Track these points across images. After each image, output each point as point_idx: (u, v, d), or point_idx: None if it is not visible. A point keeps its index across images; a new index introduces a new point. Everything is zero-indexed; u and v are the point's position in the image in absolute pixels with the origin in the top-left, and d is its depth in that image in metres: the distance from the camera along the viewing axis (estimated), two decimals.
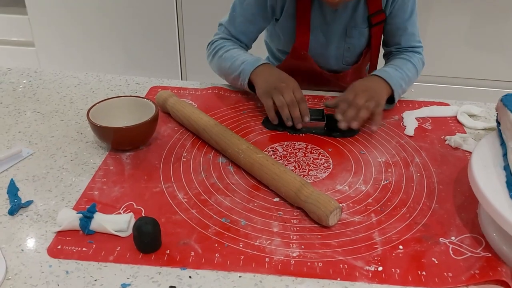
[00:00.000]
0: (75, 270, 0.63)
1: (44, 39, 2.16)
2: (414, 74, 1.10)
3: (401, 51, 1.14)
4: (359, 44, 1.13)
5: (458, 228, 0.73)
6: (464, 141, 0.93)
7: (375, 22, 1.09)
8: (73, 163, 0.84)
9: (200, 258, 0.66)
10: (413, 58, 1.11)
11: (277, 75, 1.01)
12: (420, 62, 1.12)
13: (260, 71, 1.02)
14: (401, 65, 1.08)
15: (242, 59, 1.05)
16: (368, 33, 1.11)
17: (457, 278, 0.64)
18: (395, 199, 0.79)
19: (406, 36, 1.12)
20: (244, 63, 1.04)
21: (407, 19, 1.10)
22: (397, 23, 1.10)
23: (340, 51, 1.14)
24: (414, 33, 1.13)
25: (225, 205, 0.76)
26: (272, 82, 0.98)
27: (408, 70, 1.08)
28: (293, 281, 0.63)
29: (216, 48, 1.11)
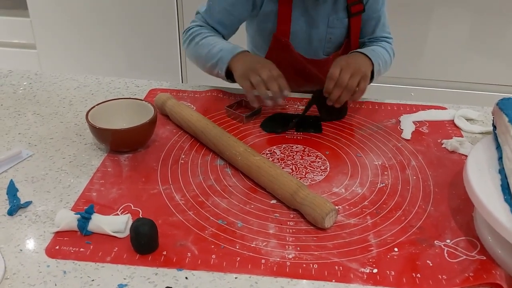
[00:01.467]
0: (72, 270, 0.64)
1: (46, 42, 2.17)
2: (388, 59, 1.14)
3: (373, 41, 1.17)
4: (340, 34, 1.14)
5: (453, 231, 0.74)
6: (460, 144, 0.94)
7: (354, 12, 1.10)
8: (71, 164, 0.85)
9: (197, 259, 0.67)
10: (386, 46, 1.15)
11: (254, 58, 1.00)
12: (392, 51, 1.17)
13: (237, 59, 1.00)
14: (376, 49, 1.11)
15: (220, 46, 1.03)
16: (347, 23, 1.13)
17: (451, 281, 0.65)
18: (391, 202, 0.79)
19: (379, 26, 1.16)
20: (222, 50, 1.02)
21: (380, 9, 1.14)
22: (372, 12, 1.13)
23: (322, 42, 1.15)
24: (385, 24, 1.17)
25: (222, 207, 0.77)
26: (248, 64, 0.97)
27: (383, 54, 1.11)
28: (288, 282, 0.64)
29: (193, 35, 1.09)
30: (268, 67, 0.96)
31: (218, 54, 1.02)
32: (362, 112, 1.07)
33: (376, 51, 1.10)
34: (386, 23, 1.17)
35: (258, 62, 0.97)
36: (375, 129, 1.00)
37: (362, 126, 1.01)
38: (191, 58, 1.12)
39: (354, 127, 1.01)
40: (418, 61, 2.04)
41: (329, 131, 0.99)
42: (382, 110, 1.08)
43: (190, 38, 1.09)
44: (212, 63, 1.03)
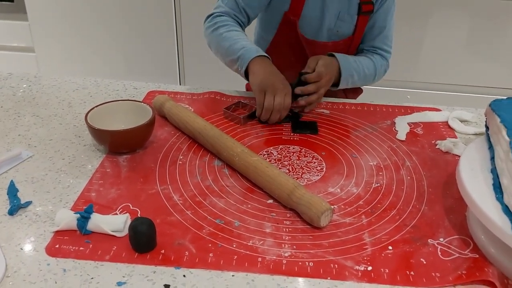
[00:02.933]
0: (72, 269, 0.65)
1: (44, 45, 2.18)
2: (372, 73, 1.17)
3: (371, 51, 1.20)
4: (348, 29, 1.16)
5: (447, 230, 0.75)
6: (454, 145, 0.95)
7: (364, 10, 1.13)
8: (71, 165, 0.86)
9: (194, 257, 0.68)
10: (378, 62, 1.18)
11: (277, 74, 1.03)
12: (382, 68, 1.20)
13: (259, 62, 1.03)
14: (362, 60, 1.15)
15: (243, 44, 1.06)
16: (356, 20, 1.15)
17: (444, 278, 0.66)
18: (386, 202, 0.81)
19: (381, 37, 1.18)
20: (244, 48, 1.05)
21: (387, 20, 1.16)
22: (378, 21, 1.16)
23: (329, 32, 1.17)
24: (388, 37, 1.19)
25: (220, 206, 0.78)
26: (270, 79, 1.01)
27: (367, 68, 1.15)
28: (284, 280, 0.65)
29: (218, 24, 1.10)
30: (285, 92, 1.00)
31: (239, 51, 1.04)
32: (357, 114, 1.09)
33: (360, 63, 1.14)
34: (389, 37, 1.20)
35: (280, 82, 1.01)
36: (370, 130, 1.02)
37: (357, 128, 1.03)
38: (211, 46, 1.14)
39: (349, 128, 1.03)
40: (415, 64, 2.06)
41: (325, 133, 1.00)
42: (377, 112, 1.10)
43: (215, 27, 1.11)
44: (233, 58, 1.06)
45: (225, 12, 1.13)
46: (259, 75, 1.01)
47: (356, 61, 1.14)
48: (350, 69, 1.12)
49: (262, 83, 1.00)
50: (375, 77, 1.19)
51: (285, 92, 1.00)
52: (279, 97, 0.99)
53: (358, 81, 1.15)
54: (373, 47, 1.20)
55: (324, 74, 1.04)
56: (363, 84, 1.20)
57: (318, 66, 1.05)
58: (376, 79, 1.21)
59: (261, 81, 1.01)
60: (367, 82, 1.20)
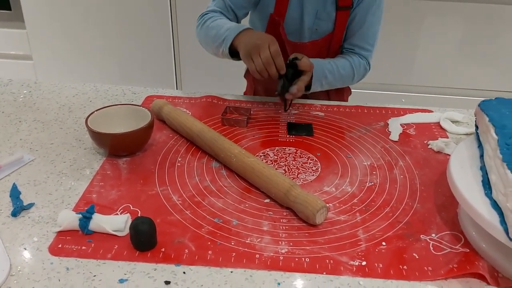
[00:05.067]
0: (75, 267, 0.67)
1: (42, 53, 2.20)
2: (349, 74, 1.18)
3: (350, 50, 1.21)
4: (326, 27, 1.17)
5: (439, 226, 0.77)
6: (446, 145, 0.98)
7: (341, 5, 1.14)
8: (72, 168, 0.88)
9: (194, 255, 0.70)
10: (355, 61, 1.18)
11: (255, 34, 1.05)
12: (361, 67, 1.20)
13: (241, 36, 1.05)
14: (336, 61, 1.16)
15: (227, 27, 1.08)
16: (334, 17, 1.16)
17: (436, 272, 0.68)
18: (379, 200, 0.83)
19: (359, 34, 1.18)
20: (228, 30, 1.07)
21: (366, 17, 1.16)
22: (357, 16, 1.16)
23: (309, 31, 1.18)
24: (367, 34, 1.18)
25: (218, 206, 0.80)
26: (250, 43, 1.02)
27: (343, 68, 1.16)
28: (281, 275, 0.67)
29: (205, 19, 1.14)
30: (268, 43, 0.99)
31: (224, 34, 1.07)
32: (351, 116, 1.11)
33: (334, 64, 1.15)
34: (370, 35, 1.19)
35: (258, 38, 1.02)
36: (364, 131, 1.04)
37: (351, 129, 1.05)
38: (200, 41, 1.16)
39: (344, 130, 1.05)
40: (409, 68, 2.10)
41: (320, 134, 1.03)
42: (371, 114, 1.12)
43: (203, 23, 1.14)
44: (219, 42, 1.08)
45: (213, 10, 1.16)
46: (241, 47, 1.03)
47: (330, 62, 1.15)
48: (322, 71, 1.12)
49: (245, 51, 1.02)
50: (353, 77, 1.19)
51: (267, 43, 0.99)
52: (263, 52, 0.99)
53: (334, 81, 1.16)
54: (351, 45, 1.20)
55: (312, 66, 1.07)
56: (342, 84, 1.20)
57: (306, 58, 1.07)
58: (356, 79, 1.20)
59: (244, 50, 1.02)
60: (345, 83, 1.20)
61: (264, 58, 0.99)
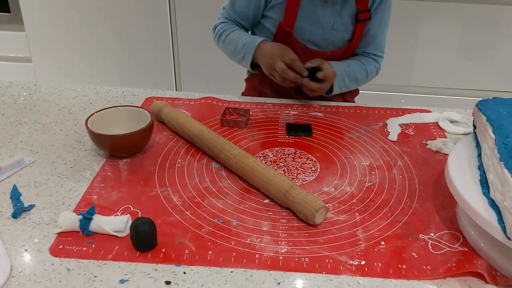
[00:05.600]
0: (76, 268, 0.67)
1: (41, 55, 2.21)
2: (363, 77, 1.22)
3: (364, 55, 1.23)
4: (342, 38, 1.19)
5: (437, 226, 0.78)
6: (444, 145, 0.98)
7: (361, 19, 1.16)
8: (72, 170, 0.89)
9: (194, 255, 0.70)
10: (369, 65, 1.22)
11: (268, 52, 1.11)
12: (374, 70, 1.24)
13: (258, 53, 1.13)
14: (353, 64, 1.19)
15: (243, 41, 1.15)
16: (352, 29, 1.17)
17: (435, 271, 0.69)
18: (378, 200, 0.83)
19: (374, 44, 1.22)
20: (245, 46, 1.14)
21: (381, 29, 1.20)
22: (372, 29, 1.19)
23: (324, 42, 1.19)
24: (380, 43, 1.23)
25: (218, 207, 0.80)
26: (266, 59, 1.10)
27: (359, 72, 1.20)
28: (281, 275, 0.68)
29: (219, 33, 1.21)
30: (279, 57, 1.08)
31: (242, 50, 1.15)
32: (350, 116, 1.12)
33: (352, 68, 1.18)
34: (382, 43, 1.23)
35: (270, 56, 1.09)
36: (363, 132, 1.05)
37: (350, 130, 1.06)
38: (223, 52, 1.24)
39: (343, 130, 1.06)
40: (408, 69, 2.11)
41: (319, 135, 1.03)
42: (369, 114, 1.13)
43: (218, 36, 1.22)
44: (239, 58, 1.17)
45: (222, 22, 1.22)
46: (262, 65, 1.13)
47: (348, 66, 1.18)
48: (342, 74, 1.16)
49: (265, 69, 1.12)
50: (366, 79, 1.23)
51: (278, 58, 1.07)
52: (277, 65, 1.07)
53: (350, 85, 1.19)
54: (366, 52, 1.23)
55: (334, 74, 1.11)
56: (355, 87, 1.24)
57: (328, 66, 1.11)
58: (368, 80, 1.24)
59: (264, 68, 1.12)
60: (359, 85, 1.24)
61: (280, 70, 1.07)
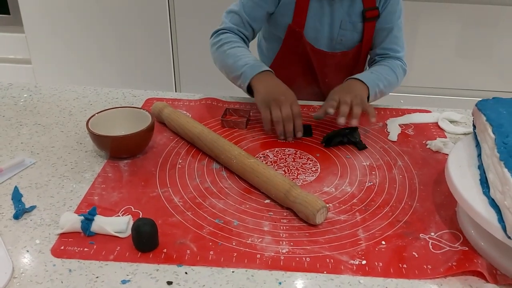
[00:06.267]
0: (77, 269, 0.68)
1: (41, 57, 2.21)
2: (394, 78, 1.16)
3: (384, 57, 1.20)
4: (352, 38, 1.18)
5: (438, 225, 0.78)
6: (444, 145, 0.98)
7: (369, 17, 1.14)
8: (73, 171, 0.89)
9: (195, 255, 0.70)
10: (392, 64, 1.18)
11: (278, 86, 1.04)
12: (400, 68, 1.19)
13: (261, 78, 1.05)
14: (378, 69, 1.15)
15: (246, 60, 1.08)
16: (361, 28, 1.16)
17: (435, 270, 0.69)
18: (379, 199, 0.84)
19: (390, 37, 1.19)
20: (247, 65, 1.07)
21: (395, 21, 1.17)
22: (385, 23, 1.17)
23: (332, 42, 1.18)
24: (397, 36, 1.19)
25: (219, 207, 0.81)
26: (272, 93, 1.01)
27: (387, 74, 1.15)
28: (282, 275, 0.68)
29: (222, 41, 1.13)
30: (290, 102, 1.00)
31: (242, 68, 1.07)
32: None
33: (377, 72, 1.13)
34: (399, 36, 1.19)
35: (282, 93, 1.02)
36: (363, 132, 1.05)
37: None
38: (216, 63, 1.16)
39: None
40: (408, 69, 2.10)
41: (320, 135, 1.03)
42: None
43: (219, 44, 1.14)
44: (236, 75, 1.08)
45: (229, 28, 1.16)
46: (261, 92, 1.03)
47: (373, 72, 1.14)
48: (372, 80, 1.10)
49: (265, 98, 1.02)
50: (397, 80, 1.18)
51: (290, 102, 1.00)
52: (285, 108, 0.99)
53: (385, 89, 1.14)
54: (384, 49, 1.20)
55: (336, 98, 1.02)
56: (390, 90, 1.17)
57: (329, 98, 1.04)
58: (400, 81, 1.20)
59: (264, 96, 1.02)
60: (392, 87, 1.18)
61: (286, 114, 0.99)
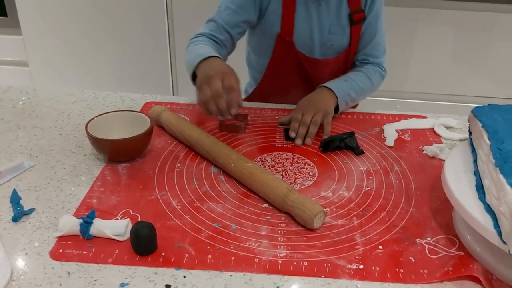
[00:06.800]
0: (76, 271, 0.68)
1: (38, 59, 2.21)
2: (368, 85, 1.19)
3: (364, 62, 1.22)
4: (341, 43, 1.19)
5: (434, 230, 0.79)
6: (440, 150, 0.99)
7: (356, 20, 1.16)
8: (72, 174, 0.89)
9: (194, 259, 0.71)
10: (369, 71, 1.20)
11: (213, 66, 0.97)
12: (377, 74, 1.22)
13: (203, 64, 0.99)
14: (353, 76, 1.17)
15: (198, 53, 1.03)
16: (349, 32, 1.17)
17: (432, 275, 0.69)
18: (376, 204, 0.84)
19: (373, 44, 1.21)
20: (198, 56, 1.01)
21: (379, 26, 1.19)
22: (369, 27, 1.18)
23: (323, 47, 1.19)
24: (379, 43, 1.21)
25: (217, 211, 0.81)
26: (205, 73, 0.96)
27: (361, 81, 1.17)
28: (280, 279, 0.68)
29: (189, 44, 1.12)
30: (221, 76, 0.93)
31: (193, 60, 1.02)
32: (348, 122, 1.13)
33: (351, 80, 1.15)
34: (380, 42, 1.21)
35: (213, 70, 0.94)
36: (360, 137, 1.06)
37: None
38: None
39: None
40: (403, 75, 2.13)
41: (317, 140, 1.04)
42: (367, 120, 1.14)
43: (187, 47, 1.13)
44: (189, 68, 1.05)
45: (202, 34, 1.15)
46: (198, 79, 0.97)
47: (347, 80, 1.15)
48: (344, 89, 1.12)
49: (199, 81, 0.96)
50: (372, 87, 1.20)
51: (220, 75, 0.93)
52: (214, 84, 0.91)
53: (356, 97, 1.16)
54: (365, 55, 1.22)
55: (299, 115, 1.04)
56: (363, 97, 1.21)
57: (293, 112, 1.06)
58: (375, 88, 1.21)
59: (198, 80, 0.96)
60: (366, 95, 1.20)
61: (214, 90, 0.91)
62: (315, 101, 1.08)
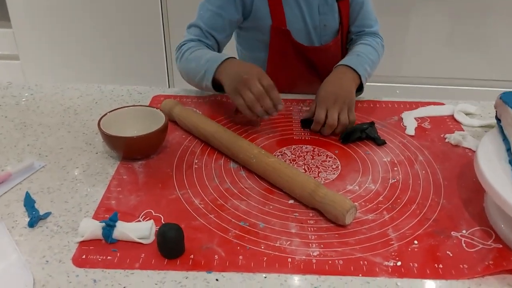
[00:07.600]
0: (102, 279, 0.64)
1: (29, 53, 2.14)
2: (377, 57, 1.16)
3: (361, 34, 1.20)
4: (333, 21, 1.16)
5: (467, 222, 0.76)
6: (463, 138, 0.97)
7: None
8: (85, 173, 0.85)
9: (224, 261, 0.67)
10: (373, 43, 1.17)
11: (239, 67, 0.97)
12: (380, 46, 1.20)
13: (223, 68, 0.98)
14: (363, 50, 1.13)
15: (207, 57, 1.01)
16: (338, 8, 1.15)
17: (473, 269, 0.67)
18: (404, 197, 0.82)
19: (363, 13, 1.19)
20: (209, 61, 1.00)
21: None
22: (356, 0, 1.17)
23: (317, 29, 1.16)
24: (369, 11, 1.20)
25: (242, 209, 0.78)
26: (236, 77, 0.95)
27: (370, 54, 1.13)
28: (317, 279, 0.65)
29: (183, 50, 1.08)
30: (257, 77, 0.93)
31: (205, 66, 1.00)
32: (364, 111, 1.09)
33: (363, 54, 1.11)
34: (369, 10, 1.20)
35: (245, 72, 0.94)
36: (379, 126, 1.03)
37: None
38: (182, 75, 1.11)
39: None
40: (401, 59, 2.09)
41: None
42: (382, 108, 1.11)
43: (181, 55, 1.09)
44: (200, 75, 1.02)
45: (190, 40, 1.10)
46: (227, 82, 0.96)
47: (359, 54, 1.11)
48: (361, 65, 1.07)
49: (232, 85, 0.95)
50: (379, 58, 1.17)
51: (256, 78, 0.92)
52: (254, 86, 0.92)
53: (371, 71, 1.11)
54: (359, 26, 1.19)
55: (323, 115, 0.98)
56: (374, 70, 1.15)
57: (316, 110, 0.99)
58: (380, 59, 1.18)
59: (230, 84, 0.95)
60: (376, 67, 1.15)
61: (256, 92, 0.91)
62: (337, 89, 1.00)
